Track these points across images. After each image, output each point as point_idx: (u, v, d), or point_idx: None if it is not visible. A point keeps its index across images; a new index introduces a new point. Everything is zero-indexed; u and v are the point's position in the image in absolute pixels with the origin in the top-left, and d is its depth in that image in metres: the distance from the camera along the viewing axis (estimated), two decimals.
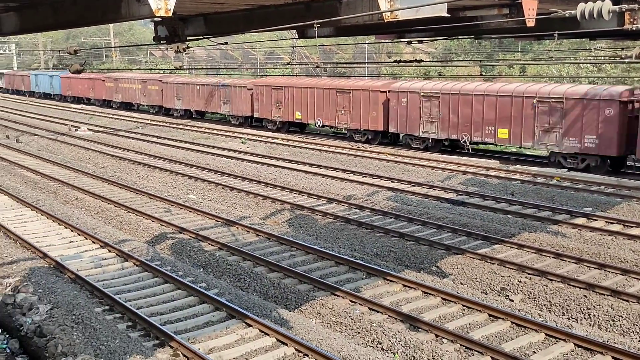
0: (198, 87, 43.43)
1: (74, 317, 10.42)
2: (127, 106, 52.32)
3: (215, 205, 19.02)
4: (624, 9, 5.82)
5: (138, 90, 49.57)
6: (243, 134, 35.55)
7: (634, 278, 12.36)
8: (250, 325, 10.20)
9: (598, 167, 22.92)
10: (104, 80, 54.98)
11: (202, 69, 47.85)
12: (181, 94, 44.82)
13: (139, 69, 46.22)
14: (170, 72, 46.43)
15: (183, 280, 12.19)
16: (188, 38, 8.94)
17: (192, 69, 49.10)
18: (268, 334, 9.88)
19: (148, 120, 43.95)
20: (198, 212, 17.79)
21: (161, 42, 8.92)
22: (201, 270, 13.49)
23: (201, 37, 9.12)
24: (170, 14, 5.00)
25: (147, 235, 15.91)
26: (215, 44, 11.15)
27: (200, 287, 11.92)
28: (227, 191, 20.68)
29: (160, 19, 8.54)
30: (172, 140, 33.49)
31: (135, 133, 36.89)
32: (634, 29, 6.34)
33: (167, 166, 25.29)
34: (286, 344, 9.56)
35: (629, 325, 10.43)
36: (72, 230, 15.94)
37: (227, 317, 10.68)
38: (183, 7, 7.92)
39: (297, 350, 9.40)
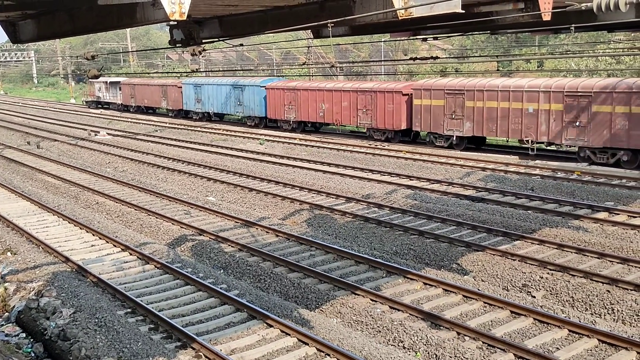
0: None
1: (96, 320, 10.53)
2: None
3: (234, 207, 19.11)
4: None
5: (550, 114, 23.78)
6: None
7: None
8: (271, 326, 10.24)
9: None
10: (407, 95, 28.85)
11: (219, 71, 47.97)
12: None
13: (156, 72, 45.61)
14: (186, 75, 46.04)
15: (204, 282, 12.26)
16: (203, 41, 9.00)
17: (208, 71, 49.24)
18: (289, 334, 9.90)
19: (166, 123, 44.29)
20: (217, 213, 17.88)
21: (177, 45, 8.99)
22: (222, 271, 13.56)
23: (216, 39, 9.16)
24: (184, 18, 5.02)
25: (167, 237, 16.04)
26: (231, 45, 11.19)
27: (221, 288, 11.98)
28: (245, 192, 20.76)
29: (175, 23, 8.61)
30: (190, 142, 33.71)
31: (153, 136, 37.21)
32: None
33: (186, 169, 25.46)
34: (307, 344, 9.57)
35: None
36: (93, 234, 16.12)
37: (248, 317, 10.73)
38: (197, 10, 7.97)
39: (318, 350, 9.40)
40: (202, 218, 17.68)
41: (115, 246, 15.06)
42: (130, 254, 14.40)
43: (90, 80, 60.84)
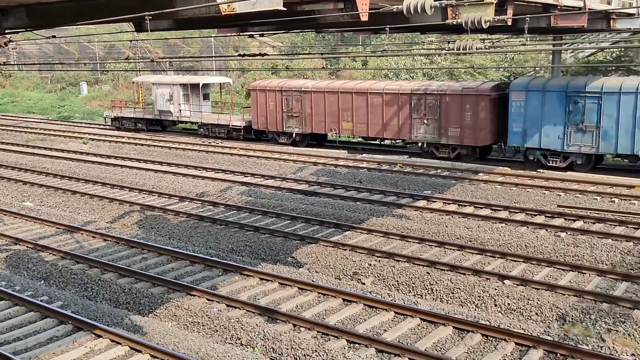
0: None
1: None
2: None
3: (55, 212, 17.69)
4: (443, 4, 6.26)
5: None
6: (84, 133, 33.46)
7: (469, 253, 13.48)
8: (100, 336, 9.64)
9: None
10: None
11: (34, 64, 43.79)
12: None
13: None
14: None
15: (21, 295, 11.20)
16: (7, 31, 8.16)
17: (21, 64, 44.78)
18: (120, 343, 9.40)
19: None
20: (36, 220, 16.44)
21: None
22: (42, 282, 12.50)
23: (24, 29, 8.35)
24: None
25: None
26: (43, 37, 10.31)
27: (41, 300, 11.04)
28: (68, 196, 19.34)
29: None
30: (0, 143, 30.61)
31: None
32: (454, 23, 6.85)
33: None
34: (141, 352, 9.17)
35: (466, 296, 11.35)
36: None
37: (73, 330, 10.00)
38: None
39: (152, 356, 9.04)
40: (17, 226, 16.15)
41: None
42: None
43: (135, 80, 36.14)
